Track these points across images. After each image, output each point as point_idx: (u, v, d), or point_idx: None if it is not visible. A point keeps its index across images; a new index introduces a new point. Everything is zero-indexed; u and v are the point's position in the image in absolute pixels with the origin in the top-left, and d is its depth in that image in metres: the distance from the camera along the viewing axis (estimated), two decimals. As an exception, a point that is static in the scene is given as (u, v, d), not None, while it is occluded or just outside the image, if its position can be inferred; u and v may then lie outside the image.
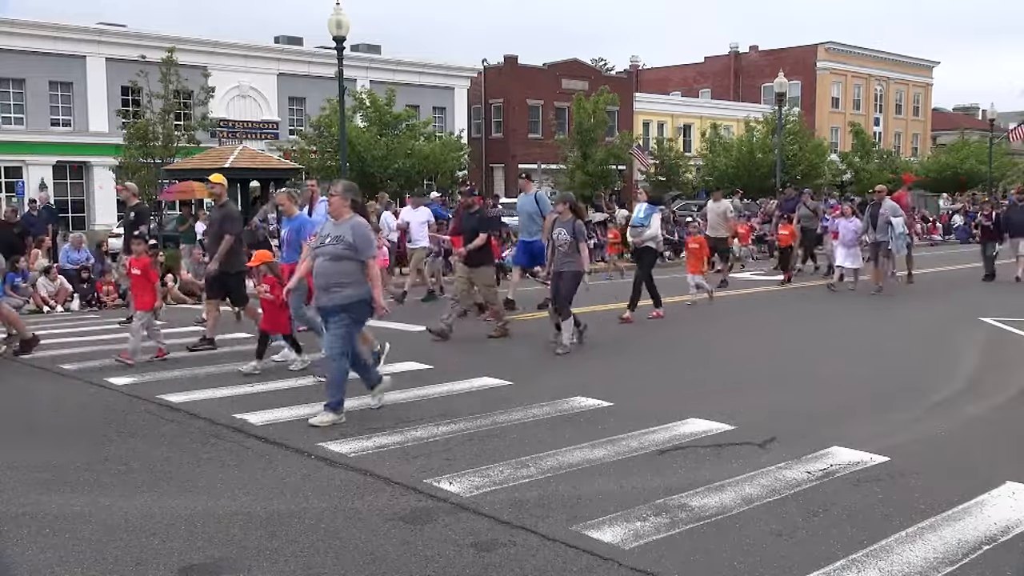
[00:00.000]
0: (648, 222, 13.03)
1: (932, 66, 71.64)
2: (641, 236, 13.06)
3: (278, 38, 45.00)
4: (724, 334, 12.31)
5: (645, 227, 13.04)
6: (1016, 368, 9.50)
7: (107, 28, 37.89)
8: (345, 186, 7.54)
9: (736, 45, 66.70)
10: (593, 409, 7.57)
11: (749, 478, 5.65)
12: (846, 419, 7.20)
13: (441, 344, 11.12)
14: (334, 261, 7.24)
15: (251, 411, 7.52)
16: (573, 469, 5.90)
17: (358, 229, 7.30)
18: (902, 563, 4.38)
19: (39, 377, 9.53)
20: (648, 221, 13.03)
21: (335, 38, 21.02)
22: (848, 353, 10.54)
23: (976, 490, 5.37)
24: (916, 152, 68.11)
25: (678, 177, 45.81)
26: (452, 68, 48.67)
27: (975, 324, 12.46)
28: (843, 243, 16.92)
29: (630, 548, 4.58)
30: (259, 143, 35.51)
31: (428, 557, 4.51)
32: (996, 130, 51.46)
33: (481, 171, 49.04)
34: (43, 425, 7.35)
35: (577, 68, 52.59)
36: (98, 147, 35.65)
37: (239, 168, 22.91)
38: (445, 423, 7.10)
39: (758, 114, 50.42)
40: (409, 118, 34.37)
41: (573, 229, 10.69)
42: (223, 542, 4.73)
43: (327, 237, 7.37)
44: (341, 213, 7.39)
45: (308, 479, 5.79)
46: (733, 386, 8.60)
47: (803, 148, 43.49)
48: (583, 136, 40.89)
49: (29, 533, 4.86)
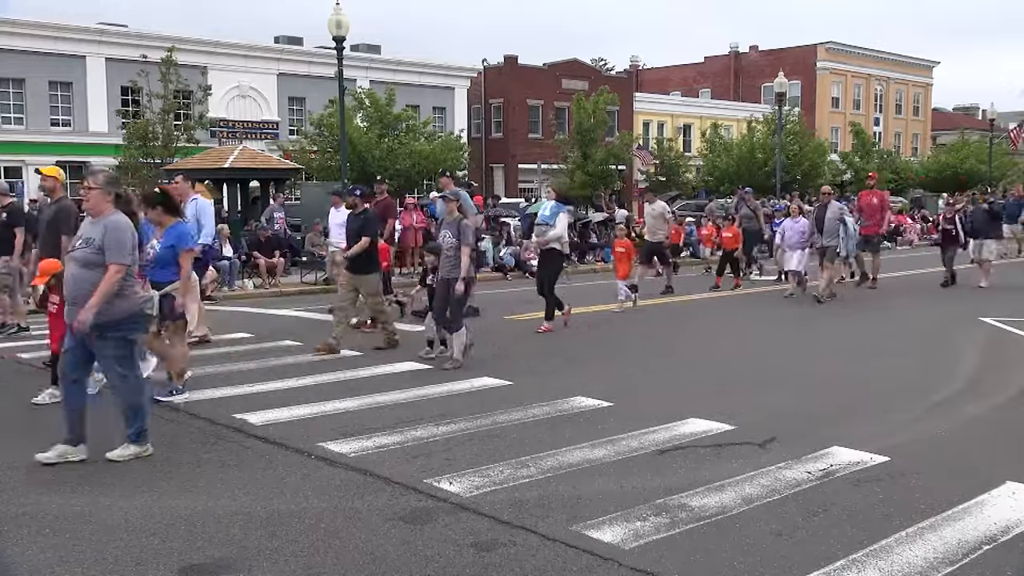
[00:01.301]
0: (554, 221, 11.96)
1: (932, 66, 71.63)
2: (545, 236, 12.00)
3: (278, 38, 44.96)
4: (724, 334, 12.31)
5: (550, 226, 11.97)
6: (1016, 368, 9.50)
7: (107, 28, 37.87)
8: (107, 177, 6.39)
9: (736, 45, 66.73)
10: (593, 409, 7.56)
11: (749, 478, 5.66)
12: (846, 419, 7.20)
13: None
14: (85, 268, 6.06)
15: (251, 411, 7.52)
16: (573, 469, 5.90)
17: (111, 228, 6.07)
18: (902, 563, 4.38)
19: (39, 377, 9.51)
20: (554, 220, 11.96)
21: (335, 38, 21.03)
22: (848, 353, 10.54)
23: (976, 490, 5.37)
24: (916, 152, 68.10)
25: (678, 177, 45.80)
26: (452, 68, 48.64)
27: (975, 324, 12.46)
28: (788, 245, 15.94)
29: (630, 548, 4.58)
30: (259, 143, 35.50)
31: (428, 557, 4.51)
32: (996, 130, 51.46)
33: (481, 171, 49.01)
34: (43, 425, 7.33)
35: (577, 68, 52.56)
36: (98, 147, 35.61)
37: (239, 168, 22.93)
38: (445, 423, 7.10)
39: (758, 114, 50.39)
40: (409, 118, 34.37)
41: (458, 231, 9.66)
42: (223, 542, 4.73)
43: (79, 239, 6.21)
44: (100, 209, 6.17)
45: (308, 479, 5.79)
46: (733, 386, 8.59)
47: (803, 148, 43.49)
48: (583, 136, 40.88)
49: (29, 533, 4.86)
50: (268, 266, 19.18)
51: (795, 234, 15.80)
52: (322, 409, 7.60)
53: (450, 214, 9.92)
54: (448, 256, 9.69)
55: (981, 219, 17.56)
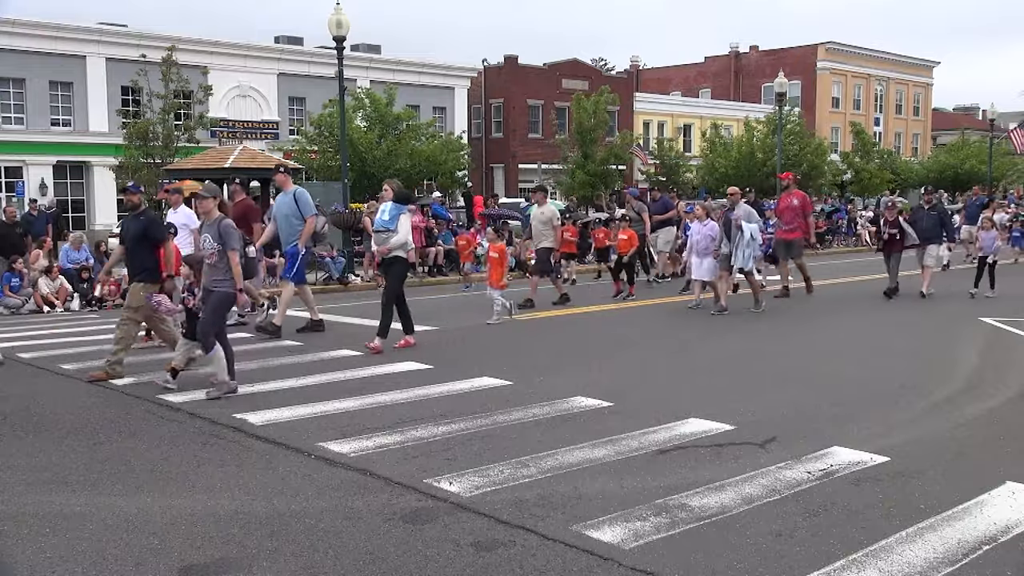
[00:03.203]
0: (395, 225, 10.57)
1: (932, 66, 71.65)
2: (387, 244, 10.57)
3: (278, 38, 45.00)
4: (724, 335, 12.30)
5: (392, 232, 10.56)
6: (1016, 368, 9.49)
7: (107, 28, 37.89)
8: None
9: (736, 45, 66.76)
10: (593, 409, 7.56)
11: (749, 478, 5.65)
12: (846, 419, 7.20)
13: (441, 344, 11.12)
14: None
15: (251, 411, 7.52)
16: (573, 469, 5.90)
17: None
18: (902, 563, 4.38)
19: (39, 377, 9.52)
20: (395, 224, 10.58)
21: (335, 38, 21.03)
22: (848, 353, 10.53)
23: (976, 490, 5.37)
24: (916, 152, 68.15)
25: (678, 177, 45.81)
26: (452, 68, 48.67)
27: (975, 324, 12.46)
28: (697, 251, 14.26)
29: (630, 548, 4.58)
30: (259, 143, 35.50)
31: (428, 557, 4.50)
32: (996, 130, 51.41)
33: (481, 171, 49.02)
34: (43, 425, 7.34)
35: (577, 68, 52.59)
36: (98, 147, 35.67)
37: (239, 168, 22.92)
38: (445, 423, 7.10)
39: (758, 114, 50.42)
40: (409, 118, 34.38)
41: (219, 233, 8.26)
42: (223, 542, 4.73)
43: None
44: None
45: (308, 479, 5.79)
46: (733, 386, 8.59)
47: (803, 148, 43.50)
48: (583, 136, 40.90)
49: (29, 533, 4.86)
50: (268, 266, 19.18)
51: (704, 239, 14.16)
52: (322, 409, 7.60)
53: (207, 215, 8.44)
54: (212, 265, 8.34)
55: (925, 222, 15.99)
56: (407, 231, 10.71)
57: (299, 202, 12.10)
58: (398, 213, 10.68)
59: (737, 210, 13.98)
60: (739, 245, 13.57)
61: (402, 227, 10.60)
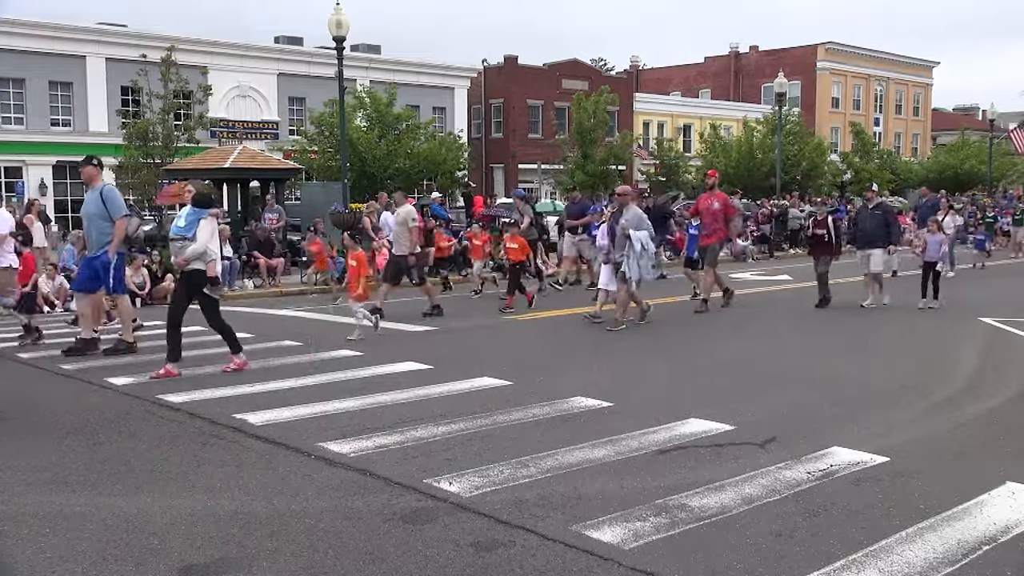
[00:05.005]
0: (191, 232, 9.23)
1: (932, 66, 71.65)
2: (183, 254, 9.21)
3: (278, 38, 44.99)
4: (724, 335, 12.30)
5: (188, 240, 9.21)
6: (1016, 368, 9.50)
7: (107, 28, 37.89)
8: None
9: (736, 45, 66.77)
10: (593, 409, 7.56)
11: (749, 478, 5.65)
12: (846, 419, 7.20)
13: (441, 344, 11.12)
14: None
15: (251, 411, 7.52)
16: (573, 469, 5.89)
17: None
18: (902, 563, 4.38)
19: (39, 377, 9.53)
20: (192, 231, 9.24)
21: (335, 38, 21.05)
22: (848, 353, 10.54)
23: (976, 490, 5.37)
24: (916, 152, 68.14)
25: (678, 177, 45.82)
26: (452, 68, 48.67)
27: (974, 324, 12.47)
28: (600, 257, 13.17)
29: (630, 548, 4.58)
30: (259, 143, 35.52)
31: (428, 557, 4.50)
32: (996, 130, 51.47)
33: (481, 171, 49.02)
34: (43, 425, 7.34)
35: (577, 68, 52.59)
36: (98, 147, 35.51)
37: (239, 168, 22.94)
38: (445, 423, 7.10)
39: (758, 114, 50.42)
40: (409, 118, 34.39)
41: None
42: (223, 542, 4.72)
43: None
44: None
45: (308, 479, 5.79)
46: (733, 386, 8.59)
47: (803, 148, 43.52)
48: (583, 136, 40.89)
49: (29, 533, 4.86)
50: (268, 266, 19.21)
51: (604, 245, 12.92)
52: (322, 409, 7.60)
53: None
54: None
55: (868, 223, 14.66)
56: (205, 239, 9.30)
57: (106, 201, 10.40)
58: (196, 219, 9.35)
59: (627, 214, 12.26)
60: (630, 255, 12.03)
61: (200, 235, 9.25)
